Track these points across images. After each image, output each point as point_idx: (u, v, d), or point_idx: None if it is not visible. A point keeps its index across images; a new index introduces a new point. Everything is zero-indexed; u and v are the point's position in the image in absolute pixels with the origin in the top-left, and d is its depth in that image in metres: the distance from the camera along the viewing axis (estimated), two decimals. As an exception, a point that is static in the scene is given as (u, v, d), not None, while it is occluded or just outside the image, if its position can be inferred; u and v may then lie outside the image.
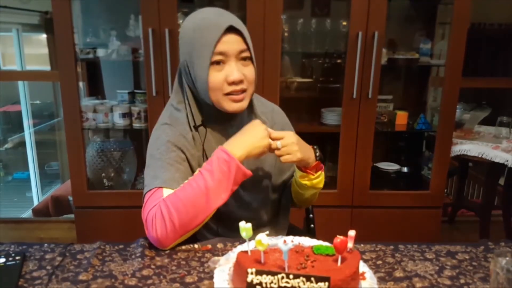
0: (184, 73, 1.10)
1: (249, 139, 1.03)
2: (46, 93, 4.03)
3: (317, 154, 1.14)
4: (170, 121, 1.13)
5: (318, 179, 1.16)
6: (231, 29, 1.03)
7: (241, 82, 1.05)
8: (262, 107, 1.23)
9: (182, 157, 1.08)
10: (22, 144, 4.00)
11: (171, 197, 0.99)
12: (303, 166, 1.13)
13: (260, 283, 0.71)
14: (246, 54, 1.06)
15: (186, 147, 1.09)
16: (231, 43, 1.03)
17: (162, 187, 1.03)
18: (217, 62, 1.03)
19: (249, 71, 1.07)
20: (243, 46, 1.05)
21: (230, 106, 1.07)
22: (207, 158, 1.11)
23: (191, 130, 1.11)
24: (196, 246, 1.02)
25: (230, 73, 1.04)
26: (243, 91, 1.07)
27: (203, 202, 0.98)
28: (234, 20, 1.05)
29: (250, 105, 1.17)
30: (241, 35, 1.04)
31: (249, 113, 1.18)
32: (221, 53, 1.03)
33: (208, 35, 1.02)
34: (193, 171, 1.10)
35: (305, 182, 1.15)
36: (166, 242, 0.99)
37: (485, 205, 2.58)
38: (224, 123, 1.13)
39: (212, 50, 1.01)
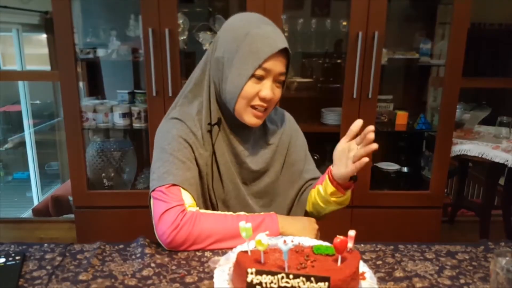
0: (215, 68, 1.08)
1: (300, 228, 1.07)
2: (46, 93, 4.03)
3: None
4: (181, 116, 1.11)
5: (345, 196, 1.15)
6: (281, 50, 1.03)
7: (269, 101, 1.06)
8: (273, 114, 1.23)
9: (192, 155, 1.08)
10: (22, 144, 4.01)
11: (208, 220, 1.01)
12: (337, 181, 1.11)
13: (260, 283, 0.71)
14: (283, 77, 1.07)
15: (196, 146, 1.09)
16: (277, 64, 1.04)
17: (178, 186, 1.03)
18: (259, 77, 1.04)
19: (278, 92, 1.08)
20: (284, 70, 1.06)
21: (251, 119, 1.07)
22: (216, 158, 1.11)
23: (201, 128, 1.10)
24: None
25: (265, 89, 1.04)
26: (266, 109, 1.08)
27: (230, 240, 1.00)
28: (286, 40, 1.05)
29: None
30: (287, 59, 1.06)
31: None
32: (265, 70, 1.03)
33: (261, 47, 1.01)
34: (200, 171, 1.10)
35: (333, 198, 1.14)
36: (173, 245, 0.99)
37: (485, 205, 2.58)
38: (236, 127, 1.12)
39: (260, 64, 1.01)
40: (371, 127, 1.00)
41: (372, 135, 1.00)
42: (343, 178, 1.07)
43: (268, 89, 1.04)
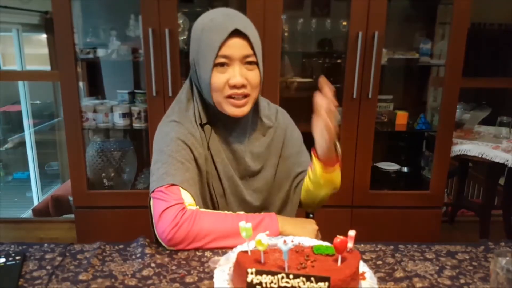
0: (192, 72, 1.11)
1: (300, 228, 1.07)
2: (46, 93, 4.03)
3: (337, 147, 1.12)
4: (179, 118, 1.13)
5: (335, 173, 1.15)
6: (237, 33, 1.02)
7: (243, 86, 1.05)
8: (266, 110, 1.23)
9: (191, 156, 1.09)
10: (22, 144, 4.00)
11: (208, 219, 1.01)
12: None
13: (260, 283, 0.71)
14: (252, 59, 1.05)
15: (195, 146, 1.10)
16: (236, 48, 1.03)
17: (178, 185, 1.03)
18: (221, 64, 1.03)
19: (253, 75, 1.06)
20: (249, 51, 1.04)
21: (231, 110, 1.07)
22: (212, 157, 1.12)
23: (198, 128, 1.12)
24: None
25: (232, 77, 1.04)
26: (245, 96, 1.06)
27: (230, 239, 1.00)
28: (242, 23, 1.04)
29: (256, 108, 1.17)
30: (248, 40, 1.04)
31: (254, 116, 1.18)
32: (224, 57, 1.03)
33: (214, 37, 1.02)
34: (200, 170, 1.11)
35: (324, 175, 1.12)
36: (173, 243, 0.99)
37: (485, 205, 2.58)
38: (228, 123, 1.13)
39: (216, 53, 1.02)
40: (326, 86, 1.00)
41: (326, 90, 1.00)
42: (325, 150, 1.06)
43: (236, 76, 1.03)
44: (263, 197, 1.21)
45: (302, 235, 1.02)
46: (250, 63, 1.05)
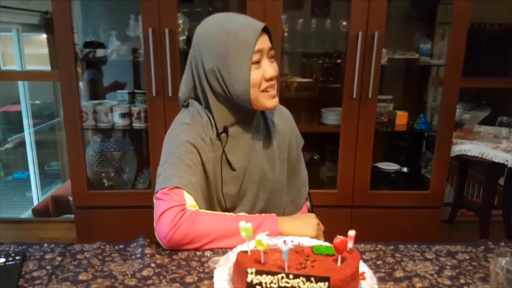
0: (214, 79, 1.09)
1: (300, 226, 1.07)
2: (46, 93, 4.03)
3: None
4: (192, 121, 1.12)
5: None
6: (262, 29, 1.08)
7: (273, 78, 1.10)
8: (276, 113, 1.25)
9: (198, 160, 1.09)
10: (22, 144, 4.00)
11: (207, 219, 1.01)
12: None
13: (260, 283, 0.71)
14: (273, 51, 1.11)
15: (204, 151, 1.09)
16: (264, 42, 1.08)
17: (182, 189, 1.04)
18: (257, 62, 1.07)
19: (276, 67, 1.13)
20: (271, 44, 1.10)
21: (269, 102, 1.11)
22: (228, 161, 1.12)
23: (215, 134, 1.11)
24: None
25: (267, 71, 1.08)
26: (274, 86, 1.12)
27: (229, 239, 1.00)
28: (261, 22, 1.10)
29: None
30: (268, 35, 1.10)
31: (262, 114, 1.20)
32: (258, 52, 1.06)
33: (247, 37, 1.05)
34: (207, 175, 1.10)
35: None
36: (172, 244, 0.99)
37: (485, 205, 2.58)
38: (243, 125, 1.14)
39: (252, 50, 1.05)
40: None
41: None
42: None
43: (269, 68, 1.09)
44: (270, 199, 1.20)
45: (303, 231, 1.03)
46: (271, 57, 1.11)
